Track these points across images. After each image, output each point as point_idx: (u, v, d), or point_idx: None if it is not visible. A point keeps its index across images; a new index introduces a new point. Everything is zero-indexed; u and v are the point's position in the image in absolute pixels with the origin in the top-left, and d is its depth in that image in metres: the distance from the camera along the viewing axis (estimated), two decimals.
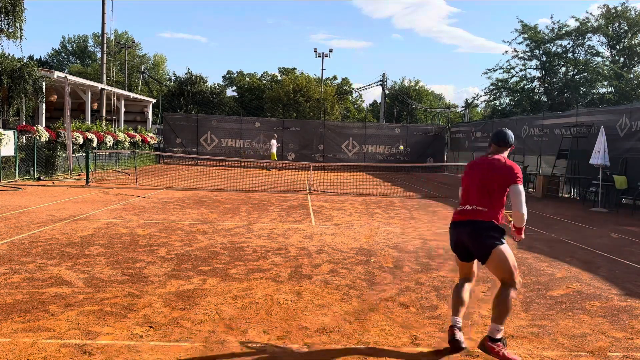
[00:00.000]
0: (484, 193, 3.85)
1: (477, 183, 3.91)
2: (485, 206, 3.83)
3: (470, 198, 3.92)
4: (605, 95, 30.70)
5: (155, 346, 3.66)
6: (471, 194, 3.92)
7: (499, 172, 3.83)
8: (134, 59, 59.11)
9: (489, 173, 3.86)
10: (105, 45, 29.51)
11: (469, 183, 3.99)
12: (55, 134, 17.08)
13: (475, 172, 3.97)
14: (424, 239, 8.29)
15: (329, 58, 47.98)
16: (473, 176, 3.97)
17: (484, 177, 3.88)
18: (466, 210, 3.91)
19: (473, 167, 4.04)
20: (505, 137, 4.02)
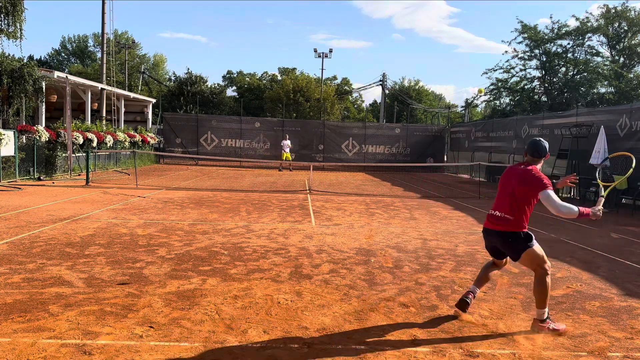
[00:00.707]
0: (512, 202, 4.21)
1: (508, 191, 4.26)
2: (513, 215, 4.20)
3: (501, 204, 4.31)
4: (605, 95, 30.70)
5: (155, 346, 3.66)
6: (502, 200, 4.31)
7: (527, 182, 4.18)
8: (134, 59, 59.11)
9: (519, 183, 4.21)
10: (105, 45, 29.51)
11: (502, 189, 4.36)
12: (55, 134, 17.08)
13: (508, 179, 4.34)
14: (424, 239, 8.29)
15: (329, 58, 47.98)
16: (505, 184, 4.35)
17: (514, 187, 4.22)
18: (495, 217, 4.31)
19: (508, 174, 4.38)
20: (540, 149, 4.32)
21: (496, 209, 4.32)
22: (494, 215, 4.32)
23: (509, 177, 4.33)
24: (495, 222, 4.28)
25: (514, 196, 4.20)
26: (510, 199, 4.22)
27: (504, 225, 4.22)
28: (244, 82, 57.66)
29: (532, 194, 4.15)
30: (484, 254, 7.25)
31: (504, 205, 4.26)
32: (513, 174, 4.31)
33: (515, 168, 4.37)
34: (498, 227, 4.26)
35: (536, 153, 4.31)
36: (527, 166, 4.28)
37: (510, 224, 4.20)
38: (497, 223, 4.26)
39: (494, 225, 4.30)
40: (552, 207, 4.05)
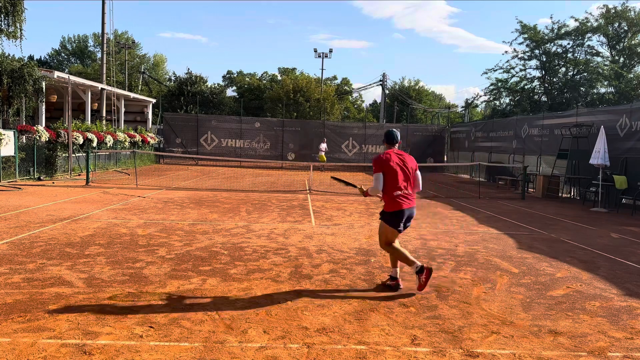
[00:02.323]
0: (411, 180, 5.35)
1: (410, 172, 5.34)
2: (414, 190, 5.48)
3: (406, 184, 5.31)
4: (605, 95, 30.68)
5: (155, 346, 3.67)
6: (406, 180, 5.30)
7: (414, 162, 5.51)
8: (134, 59, 59.13)
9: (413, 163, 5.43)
10: (105, 45, 29.52)
11: (403, 170, 5.30)
12: (55, 134, 17.08)
13: (405, 162, 5.35)
14: (424, 239, 8.29)
15: (329, 58, 48.01)
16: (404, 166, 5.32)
17: (412, 167, 5.37)
18: (411, 196, 5.32)
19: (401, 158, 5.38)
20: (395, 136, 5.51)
21: (405, 188, 5.21)
22: (409, 194, 5.23)
23: (404, 160, 5.29)
24: (412, 199, 5.25)
25: (412, 175, 5.29)
26: (411, 178, 5.28)
27: (414, 200, 5.31)
28: (244, 82, 57.70)
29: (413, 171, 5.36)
30: (484, 253, 7.26)
31: (409, 184, 5.25)
32: (406, 158, 5.33)
33: (402, 153, 5.39)
34: (413, 203, 5.27)
35: (395, 140, 5.45)
36: (401, 151, 5.43)
37: (415, 197, 5.34)
38: (413, 200, 5.26)
39: (412, 203, 5.24)
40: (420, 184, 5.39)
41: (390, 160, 5.20)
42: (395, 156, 5.26)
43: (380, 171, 5.16)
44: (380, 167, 5.17)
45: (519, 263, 6.78)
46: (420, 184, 5.37)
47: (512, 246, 7.94)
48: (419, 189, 5.38)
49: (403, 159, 5.28)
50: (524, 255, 7.26)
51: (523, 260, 6.97)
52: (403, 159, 5.28)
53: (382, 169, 5.16)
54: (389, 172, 5.14)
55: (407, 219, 5.27)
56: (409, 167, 5.27)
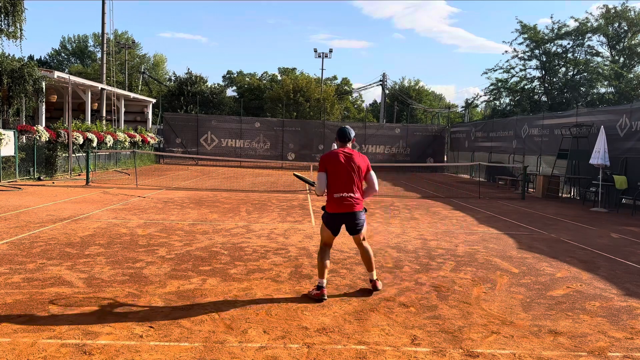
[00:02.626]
0: (358, 182, 5.01)
1: (355, 173, 4.96)
2: (361, 193, 5.10)
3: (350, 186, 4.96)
4: (605, 95, 30.68)
5: (155, 346, 3.66)
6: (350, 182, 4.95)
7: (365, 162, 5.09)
8: (134, 59, 59.14)
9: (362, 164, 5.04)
10: (105, 45, 29.52)
11: (347, 173, 4.93)
12: (55, 134, 17.09)
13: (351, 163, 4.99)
14: (424, 239, 8.29)
15: (329, 58, 48.01)
16: (349, 168, 4.95)
17: (359, 169, 4.98)
18: (354, 199, 4.96)
19: (347, 158, 4.98)
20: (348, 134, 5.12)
21: (349, 190, 4.87)
22: (351, 197, 4.87)
23: (353, 160, 4.91)
24: (356, 203, 4.89)
25: (359, 177, 4.92)
26: (357, 180, 4.91)
27: (359, 205, 4.93)
28: (244, 82, 57.71)
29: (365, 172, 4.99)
30: (484, 253, 7.26)
31: (355, 187, 4.90)
32: (356, 158, 4.95)
33: (352, 152, 4.98)
34: (356, 207, 4.90)
35: (347, 138, 5.07)
36: (352, 150, 5.04)
37: (361, 202, 4.96)
38: (357, 204, 4.90)
39: (353, 207, 4.88)
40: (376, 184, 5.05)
41: (335, 160, 4.88)
42: (342, 155, 4.91)
43: (323, 170, 4.90)
44: (324, 166, 4.90)
45: (519, 263, 6.78)
46: (374, 186, 5.02)
47: (512, 246, 7.94)
48: (374, 191, 5.06)
49: (351, 159, 4.90)
50: (524, 255, 7.26)
51: (523, 260, 6.97)
52: (351, 159, 4.90)
53: (326, 168, 4.88)
54: (332, 172, 4.86)
55: (349, 224, 4.96)
56: (356, 168, 4.89)
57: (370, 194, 5.07)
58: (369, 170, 5.00)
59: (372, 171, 5.04)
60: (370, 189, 5.04)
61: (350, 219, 4.92)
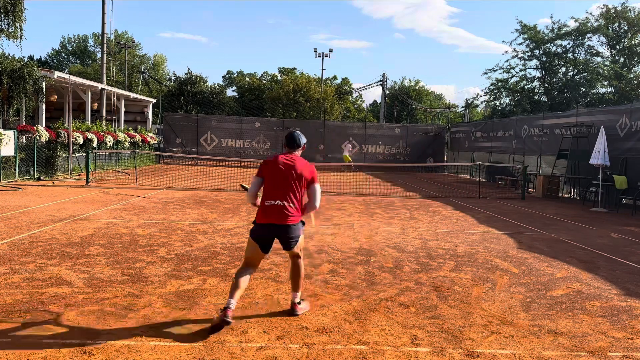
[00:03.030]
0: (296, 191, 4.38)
1: (291, 181, 4.36)
2: (299, 203, 4.43)
3: (285, 195, 4.35)
4: (605, 95, 30.69)
5: (155, 346, 3.66)
6: (285, 190, 4.36)
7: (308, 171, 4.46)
8: (134, 59, 59.14)
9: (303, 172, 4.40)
10: (105, 45, 29.53)
11: (284, 179, 4.36)
12: (55, 134, 17.09)
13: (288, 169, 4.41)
14: (424, 239, 8.29)
15: (329, 58, 48.03)
16: (287, 174, 4.38)
17: (299, 176, 4.37)
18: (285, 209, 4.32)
19: (286, 164, 4.42)
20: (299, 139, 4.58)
21: (283, 199, 4.25)
22: (284, 208, 4.23)
23: (295, 168, 4.33)
24: (290, 215, 4.24)
25: (299, 186, 4.32)
26: (296, 189, 4.31)
27: (294, 217, 4.27)
28: (244, 82, 57.71)
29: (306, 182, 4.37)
30: (484, 253, 7.26)
31: (292, 197, 4.29)
32: (300, 166, 4.35)
33: (295, 158, 4.41)
34: (289, 220, 4.24)
35: (296, 144, 4.51)
36: (298, 157, 4.47)
37: (297, 215, 4.32)
38: (291, 216, 4.25)
39: (285, 220, 4.22)
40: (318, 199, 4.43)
41: (274, 164, 4.34)
42: (284, 161, 4.35)
43: (259, 175, 4.41)
44: (261, 171, 4.42)
45: (519, 263, 6.78)
46: (314, 200, 4.39)
47: (512, 246, 7.94)
48: (314, 207, 4.42)
49: (293, 166, 4.31)
50: (524, 255, 7.26)
51: (523, 260, 6.97)
52: (293, 166, 4.31)
53: (262, 173, 4.39)
54: (268, 178, 4.34)
55: (281, 238, 4.28)
56: (297, 176, 4.29)
57: (309, 209, 4.41)
58: (313, 182, 4.39)
59: (318, 184, 4.45)
60: (310, 204, 4.41)
61: (282, 232, 4.24)
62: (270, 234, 4.26)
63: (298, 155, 4.49)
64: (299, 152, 4.54)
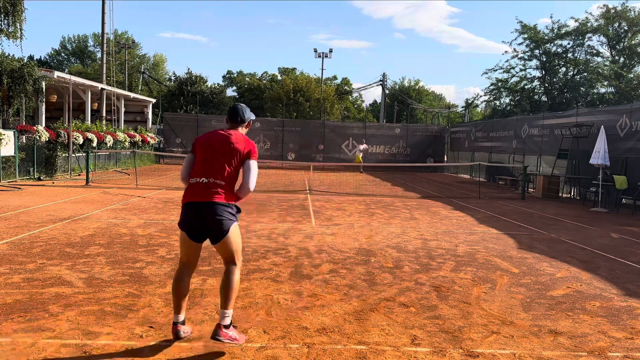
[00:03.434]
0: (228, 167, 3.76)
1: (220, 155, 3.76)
2: (230, 182, 3.79)
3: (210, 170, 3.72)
4: (605, 95, 30.69)
5: (155, 346, 3.66)
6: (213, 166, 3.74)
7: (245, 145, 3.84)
8: (134, 59, 59.14)
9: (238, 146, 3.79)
10: (105, 45, 29.53)
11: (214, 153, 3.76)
12: (55, 134, 17.08)
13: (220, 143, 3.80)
14: (424, 239, 8.29)
15: (329, 58, 48.03)
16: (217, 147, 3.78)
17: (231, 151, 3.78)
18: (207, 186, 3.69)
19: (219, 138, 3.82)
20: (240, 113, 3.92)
21: (210, 176, 3.63)
22: (209, 185, 3.61)
23: (230, 143, 3.73)
24: (215, 193, 3.59)
25: (232, 163, 3.70)
26: (227, 166, 3.68)
27: (221, 195, 3.60)
28: (244, 82, 57.71)
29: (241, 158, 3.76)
30: (484, 253, 7.26)
31: (221, 174, 3.65)
32: (236, 140, 3.76)
33: (233, 133, 3.82)
34: (215, 197, 3.57)
35: (239, 118, 3.90)
36: (238, 132, 3.89)
37: (226, 193, 3.65)
38: (216, 194, 3.59)
39: (209, 197, 3.58)
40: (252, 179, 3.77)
41: (207, 139, 3.80)
42: (218, 136, 3.78)
43: (192, 152, 3.86)
44: (193, 147, 3.88)
45: (519, 263, 6.78)
46: (248, 181, 3.74)
47: (512, 246, 7.94)
48: (247, 190, 3.75)
49: (227, 140, 3.73)
50: (524, 255, 7.26)
51: (523, 260, 6.97)
52: (227, 140, 3.73)
53: (194, 149, 3.84)
54: (199, 154, 3.76)
55: (208, 221, 3.58)
56: (230, 151, 3.70)
57: (242, 192, 3.74)
58: (249, 158, 3.76)
59: (254, 161, 3.82)
60: (242, 186, 3.75)
61: (208, 212, 3.56)
62: (196, 215, 3.59)
63: (240, 131, 3.89)
64: (242, 129, 3.93)
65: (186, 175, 3.80)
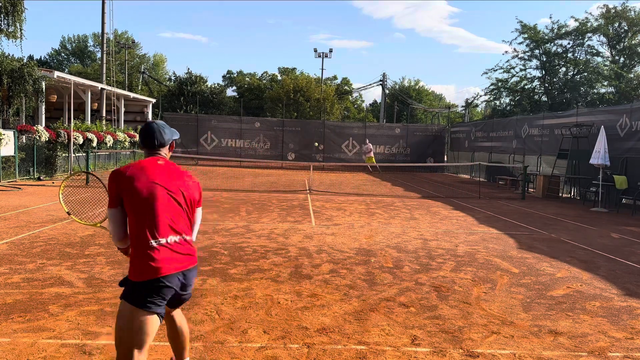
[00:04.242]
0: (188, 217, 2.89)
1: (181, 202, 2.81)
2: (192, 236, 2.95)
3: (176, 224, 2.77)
4: (605, 95, 30.70)
5: (156, 346, 3.66)
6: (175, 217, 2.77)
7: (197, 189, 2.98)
8: (134, 59, 59.11)
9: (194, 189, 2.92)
10: (105, 45, 29.52)
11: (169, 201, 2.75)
12: (55, 134, 17.09)
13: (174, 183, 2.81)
14: (424, 239, 8.29)
15: (329, 58, 48.02)
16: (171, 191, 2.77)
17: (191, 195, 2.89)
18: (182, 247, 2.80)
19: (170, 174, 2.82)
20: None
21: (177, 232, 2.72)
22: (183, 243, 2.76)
23: (175, 180, 2.78)
24: (191, 252, 2.83)
25: (190, 208, 2.84)
26: (188, 213, 2.83)
27: (195, 255, 2.86)
28: (244, 82, 57.65)
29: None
30: (484, 253, 7.26)
31: (183, 224, 2.78)
32: (176, 176, 2.82)
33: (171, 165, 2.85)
34: (193, 259, 2.84)
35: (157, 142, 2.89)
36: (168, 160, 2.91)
37: (194, 252, 2.86)
38: (192, 254, 2.83)
39: (190, 260, 2.80)
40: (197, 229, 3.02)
41: (139, 180, 2.68)
42: (154, 170, 2.73)
43: (116, 203, 2.76)
44: (117, 193, 2.74)
45: (519, 263, 6.78)
46: (195, 234, 2.96)
47: (512, 246, 7.94)
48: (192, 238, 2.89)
49: (174, 177, 2.78)
50: (524, 255, 7.26)
51: (523, 260, 6.97)
52: (174, 177, 2.78)
53: (122, 197, 2.71)
54: (137, 203, 2.65)
55: (178, 293, 2.74)
56: (185, 193, 2.79)
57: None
58: (199, 204, 2.95)
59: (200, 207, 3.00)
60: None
61: (185, 281, 2.78)
62: (170, 290, 2.67)
63: (166, 157, 2.94)
64: (166, 153, 2.94)
65: (125, 236, 2.77)
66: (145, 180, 2.68)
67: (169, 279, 2.62)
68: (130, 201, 2.66)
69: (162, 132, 2.89)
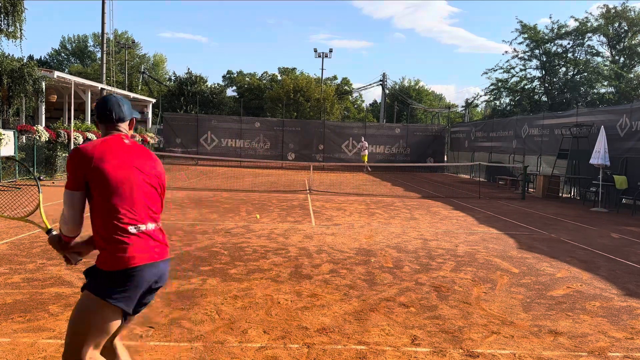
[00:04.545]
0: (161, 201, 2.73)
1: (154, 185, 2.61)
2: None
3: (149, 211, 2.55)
4: (605, 95, 30.69)
5: (155, 346, 3.66)
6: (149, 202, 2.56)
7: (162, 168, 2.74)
8: (134, 59, 59.11)
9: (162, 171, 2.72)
10: (105, 45, 29.51)
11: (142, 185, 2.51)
12: (55, 134, 17.09)
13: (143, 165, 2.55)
14: (424, 239, 8.29)
15: (329, 58, 48.02)
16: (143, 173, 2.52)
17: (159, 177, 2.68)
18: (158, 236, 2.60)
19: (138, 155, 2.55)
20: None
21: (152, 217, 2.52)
22: (156, 232, 2.54)
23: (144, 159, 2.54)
24: (164, 243, 2.59)
25: (161, 194, 2.66)
26: (160, 199, 2.66)
27: (168, 246, 2.63)
28: (244, 82, 57.64)
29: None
30: (484, 253, 7.26)
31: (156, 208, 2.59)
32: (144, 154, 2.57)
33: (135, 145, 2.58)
34: (166, 252, 2.59)
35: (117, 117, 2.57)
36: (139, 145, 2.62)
37: (168, 242, 2.64)
38: (165, 245, 2.59)
39: (164, 252, 2.56)
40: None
41: (110, 161, 2.38)
42: (125, 151, 2.48)
43: (76, 186, 2.36)
44: (82, 176, 2.35)
45: (519, 263, 6.78)
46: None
47: (512, 246, 7.94)
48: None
49: (144, 160, 2.55)
50: (524, 256, 7.26)
51: (523, 260, 6.97)
52: (144, 160, 2.55)
53: (88, 180, 2.35)
54: (110, 187, 2.35)
55: (154, 284, 2.50)
56: (156, 176, 2.60)
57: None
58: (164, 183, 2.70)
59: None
60: None
61: (163, 274, 2.55)
62: (144, 283, 2.44)
63: (130, 135, 2.67)
64: (127, 131, 2.65)
65: (79, 223, 2.46)
66: (117, 161, 2.39)
67: (145, 268, 2.37)
68: (102, 184, 2.34)
69: (120, 104, 2.58)
